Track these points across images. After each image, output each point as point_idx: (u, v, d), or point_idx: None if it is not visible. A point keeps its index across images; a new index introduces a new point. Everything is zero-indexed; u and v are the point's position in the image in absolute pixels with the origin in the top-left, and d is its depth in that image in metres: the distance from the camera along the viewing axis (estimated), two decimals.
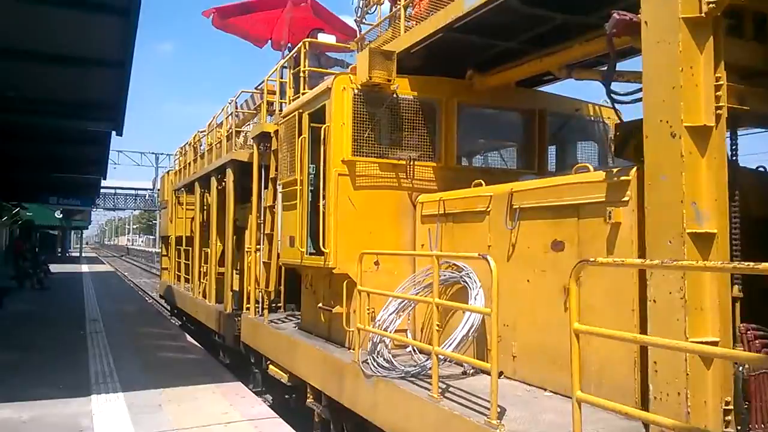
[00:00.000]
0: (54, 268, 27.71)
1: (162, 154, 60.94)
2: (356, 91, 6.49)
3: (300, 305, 9.22)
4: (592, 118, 7.74)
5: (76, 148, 14.41)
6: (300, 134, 7.25)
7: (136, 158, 61.60)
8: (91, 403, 7.21)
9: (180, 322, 16.38)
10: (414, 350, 5.95)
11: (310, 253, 7.06)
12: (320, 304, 7.07)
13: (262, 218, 9.38)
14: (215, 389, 8.07)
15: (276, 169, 8.91)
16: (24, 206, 29.82)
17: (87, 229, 73.21)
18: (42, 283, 23.18)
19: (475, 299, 5.29)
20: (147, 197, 70.37)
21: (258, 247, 9.40)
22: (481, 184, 5.92)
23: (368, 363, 5.58)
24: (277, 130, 8.67)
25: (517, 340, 5.06)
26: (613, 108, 5.09)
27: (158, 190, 28.69)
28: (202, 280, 13.31)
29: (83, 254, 63.42)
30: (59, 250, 53.00)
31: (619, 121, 7.34)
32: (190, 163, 15.38)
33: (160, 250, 26.08)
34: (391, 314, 5.95)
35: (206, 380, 8.53)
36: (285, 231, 7.87)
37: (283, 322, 8.76)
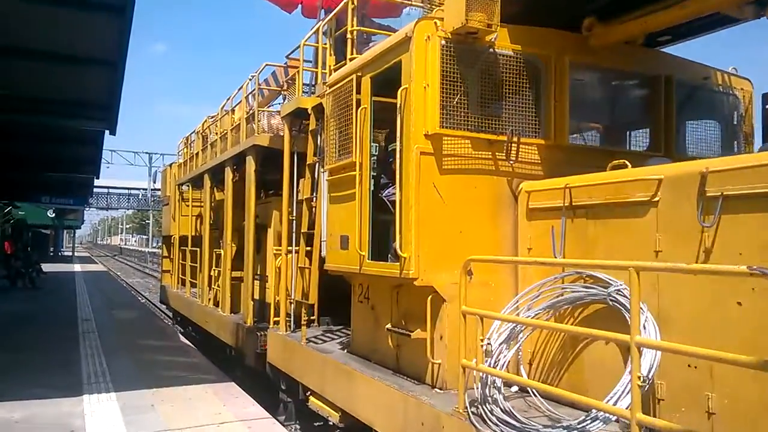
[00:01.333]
0: (46, 267, 26.97)
1: (156, 153, 59.22)
2: (444, 41, 4.86)
3: (337, 318, 7.65)
4: (722, 89, 6.14)
5: (69, 147, 14.35)
6: (359, 105, 5.61)
7: (129, 158, 59.47)
8: (83, 403, 7.06)
9: (182, 330, 14.68)
10: (532, 392, 4.35)
11: (373, 258, 5.46)
12: (389, 326, 5.41)
13: (294, 214, 7.73)
14: (208, 389, 7.91)
15: (315, 154, 7.28)
16: (16, 205, 30.21)
17: (80, 228, 71.86)
18: (34, 282, 22.88)
19: (645, 328, 3.67)
20: (140, 197, 68.56)
21: (289, 248, 7.74)
22: (626, 165, 4.33)
23: (481, 414, 3.97)
24: (318, 105, 7.04)
25: (717, 391, 3.43)
26: None
27: (152, 188, 27.11)
28: (212, 286, 11.62)
29: (76, 254, 62.18)
30: (51, 249, 51.74)
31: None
32: (197, 154, 13.66)
33: (159, 251, 24.56)
34: (501, 344, 4.35)
35: (199, 380, 8.33)
36: (333, 229, 6.23)
37: (323, 341, 7.09)
